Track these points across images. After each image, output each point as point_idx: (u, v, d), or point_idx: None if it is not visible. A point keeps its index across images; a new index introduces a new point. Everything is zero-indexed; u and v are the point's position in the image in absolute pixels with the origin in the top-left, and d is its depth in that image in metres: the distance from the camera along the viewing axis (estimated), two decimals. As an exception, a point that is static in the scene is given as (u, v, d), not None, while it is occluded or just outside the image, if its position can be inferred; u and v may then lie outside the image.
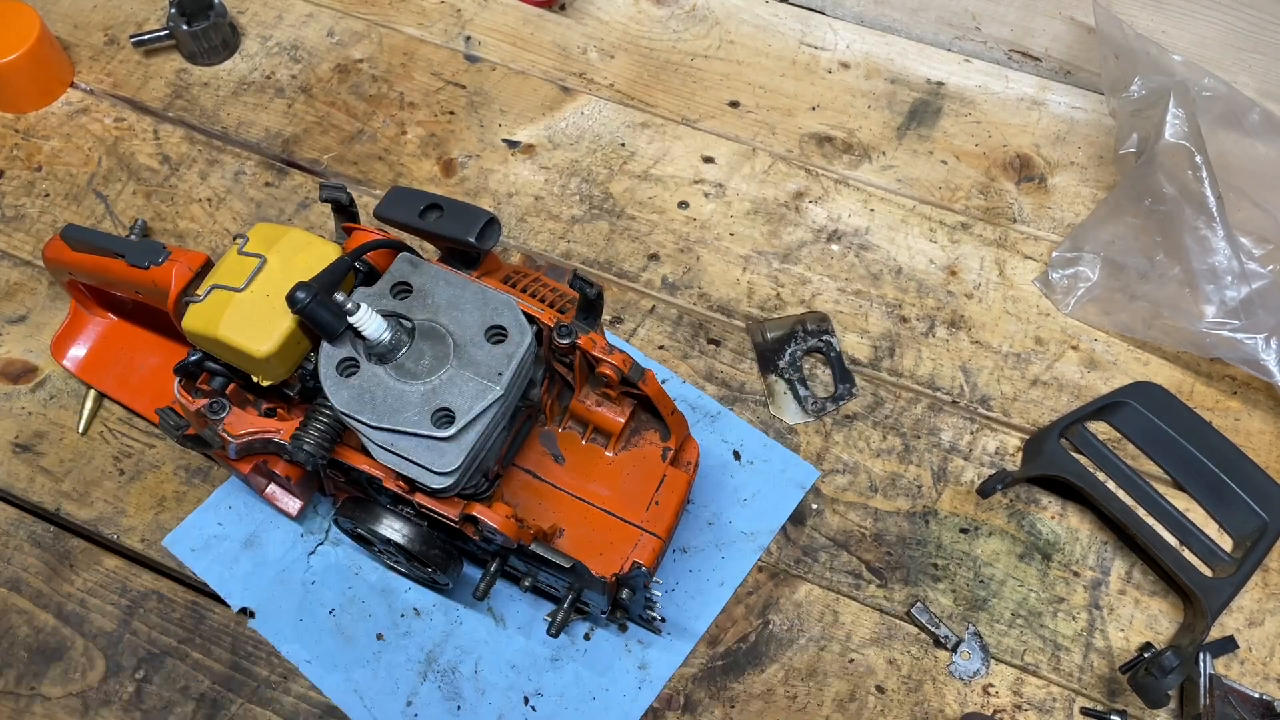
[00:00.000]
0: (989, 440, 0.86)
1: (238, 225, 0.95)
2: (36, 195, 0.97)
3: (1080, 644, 0.79)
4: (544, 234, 0.95)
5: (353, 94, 1.03)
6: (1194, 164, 0.83)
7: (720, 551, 0.81)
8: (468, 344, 0.64)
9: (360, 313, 0.61)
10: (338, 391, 0.63)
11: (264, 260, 0.64)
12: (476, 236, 0.67)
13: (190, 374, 0.68)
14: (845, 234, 0.96)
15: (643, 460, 0.74)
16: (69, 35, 1.06)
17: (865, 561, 0.81)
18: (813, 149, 1.00)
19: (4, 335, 0.90)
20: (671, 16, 1.08)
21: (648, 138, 1.01)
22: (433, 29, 1.07)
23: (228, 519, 0.81)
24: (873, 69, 1.05)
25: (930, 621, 0.78)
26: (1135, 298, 0.89)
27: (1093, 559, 0.82)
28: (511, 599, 0.79)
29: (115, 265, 0.71)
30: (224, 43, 1.03)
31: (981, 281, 0.94)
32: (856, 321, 0.91)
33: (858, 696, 0.77)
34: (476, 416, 0.62)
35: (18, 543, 0.81)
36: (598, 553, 0.70)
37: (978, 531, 0.83)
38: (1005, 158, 1.00)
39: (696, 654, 0.78)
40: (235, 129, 1.00)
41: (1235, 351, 0.84)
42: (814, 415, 0.87)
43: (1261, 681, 0.77)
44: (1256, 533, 0.80)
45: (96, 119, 1.01)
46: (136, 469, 0.84)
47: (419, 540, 0.69)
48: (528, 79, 1.04)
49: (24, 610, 0.79)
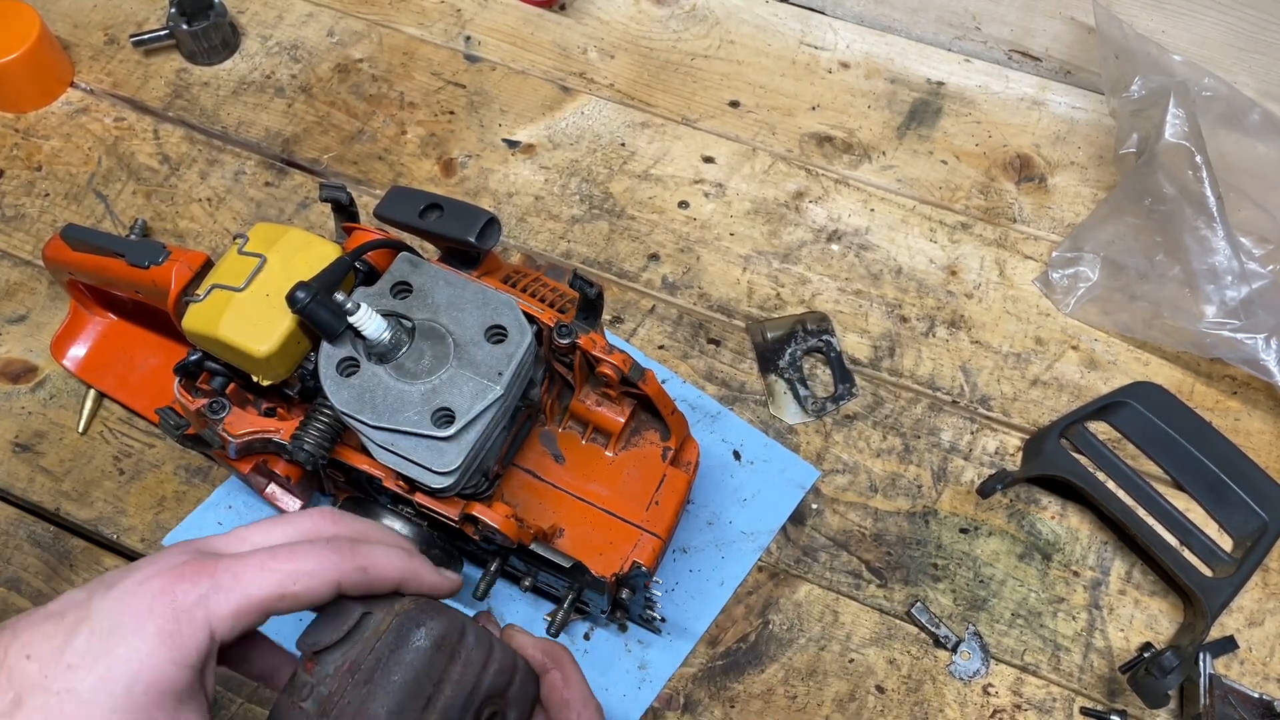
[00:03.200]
0: (989, 440, 0.86)
1: (238, 225, 0.95)
2: (36, 195, 0.97)
3: (1080, 644, 0.79)
4: (544, 234, 0.95)
5: (353, 94, 1.03)
6: (1194, 164, 0.83)
7: (720, 551, 0.81)
8: (468, 344, 0.64)
9: (360, 312, 0.61)
10: (338, 391, 0.63)
11: (264, 260, 0.64)
12: (476, 236, 0.67)
13: (190, 374, 0.68)
14: (845, 234, 0.96)
15: (643, 460, 0.74)
16: (69, 35, 1.06)
17: (865, 561, 0.81)
18: (813, 149, 1.00)
19: (4, 335, 0.90)
20: (671, 16, 1.08)
21: (648, 137, 1.01)
22: (433, 29, 1.07)
23: (228, 519, 0.81)
24: (873, 69, 1.05)
25: (930, 621, 0.78)
26: (1135, 298, 0.89)
27: (1093, 559, 0.82)
28: (511, 599, 0.79)
29: (115, 265, 0.71)
30: (224, 43, 1.03)
31: (981, 281, 0.94)
32: (856, 321, 0.91)
33: (858, 696, 0.77)
34: (476, 416, 0.62)
35: (17, 542, 0.81)
36: (598, 553, 0.70)
37: (978, 531, 0.83)
38: (1005, 158, 1.00)
39: (696, 654, 0.78)
40: (235, 129, 1.00)
41: (1235, 351, 0.84)
42: (814, 415, 0.87)
43: (1261, 681, 0.77)
44: (1256, 533, 0.80)
45: (96, 119, 1.01)
46: (136, 469, 0.84)
47: (419, 540, 0.69)
48: (528, 79, 1.04)
49: (24, 610, 0.79)
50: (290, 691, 0.51)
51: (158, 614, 0.44)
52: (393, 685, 0.50)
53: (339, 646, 0.51)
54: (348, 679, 0.50)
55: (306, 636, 0.52)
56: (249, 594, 0.46)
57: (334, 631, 0.52)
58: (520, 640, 0.58)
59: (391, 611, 0.52)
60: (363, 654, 0.51)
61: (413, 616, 0.52)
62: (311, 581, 0.48)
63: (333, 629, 0.52)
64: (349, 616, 0.52)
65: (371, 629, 0.52)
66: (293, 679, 0.52)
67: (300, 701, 0.50)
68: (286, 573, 0.47)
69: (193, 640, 0.44)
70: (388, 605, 0.53)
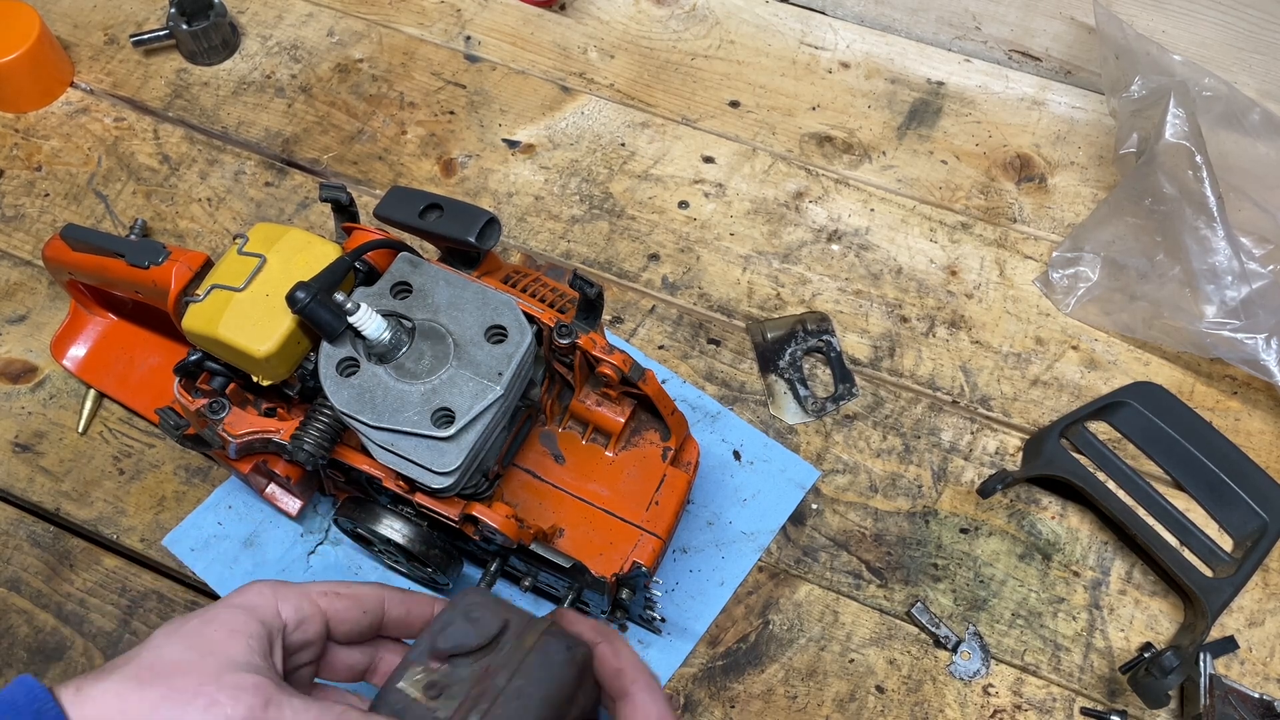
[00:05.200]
0: (989, 440, 0.86)
1: (238, 225, 0.95)
2: (36, 195, 0.97)
3: (1080, 644, 0.79)
4: (544, 234, 0.95)
5: (353, 94, 1.03)
6: (1194, 164, 0.83)
7: (720, 551, 0.81)
8: (468, 344, 0.64)
9: (360, 312, 0.61)
10: (338, 391, 0.63)
11: (264, 260, 0.64)
12: (476, 236, 0.67)
13: (190, 374, 0.68)
14: (845, 234, 0.96)
15: (643, 460, 0.74)
16: (69, 35, 1.06)
17: (865, 561, 0.81)
18: (813, 149, 1.00)
19: (4, 335, 0.90)
20: (671, 16, 1.08)
21: (648, 137, 1.01)
22: (433, 29, 1.07)
23: (228, 519, 0.81)
24: (873, 69, 1.05)
25: (930, 621, 0.78)
26: (1135, 298, 0.89)
27: (1093, 559, 0.82)
28: (512, 599, 0.79)
29: (115, 265, 0.71)
30: (224, 42, 1.03)
31: (981, 281, 0.94)
32: (856, 321, 0.91)
33: (858, 696, 0.77)
34: (476, 416, 0.62)
35: (17, 542, 0.81)
36: (598, 553, 0.70)
37: (978, 531, 0.83)
38: (1005, 158, 1.00)
39: (696, 654, 0.78)
40: (235, 129, 1.00)
41: (1235, 351, 0.84)
42: (814, 415, 0.87)
43: (1261, 681, 0.77)
44: (1256, 533, 0.80)
45: (96, 119, 1.01)
46: (136, 469, 0.84)
47: (419, 540, 0.69)
48: (528, 79, 1.04)
49: (24, 610, 0.79)
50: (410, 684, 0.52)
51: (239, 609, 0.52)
52: (547, 696, 0.51)
53: (478, 652, 0.53)
54: (490, 686, 0.51)
55: (440, 635, 0.53)
56: (307, 591, 0.55)
57: (476, 636, 0.53)
58: (569, 620, 0.60)
59: (534, 627, 0.53)
60: (509, 663, 0.52)
61: (558, 635, 0.53)
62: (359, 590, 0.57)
63: (474, 633, 0.53)
64: (488, 623, 0.53)
65: (512, 641, 0.53)
66: (407, 672, 0.52)
67: (430, 698, 0.51)
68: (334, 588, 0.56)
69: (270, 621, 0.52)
70: (523, 618, 0.54)
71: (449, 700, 0.51)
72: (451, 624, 0.53)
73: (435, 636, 0.53)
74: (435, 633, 0.53)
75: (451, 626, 0.53)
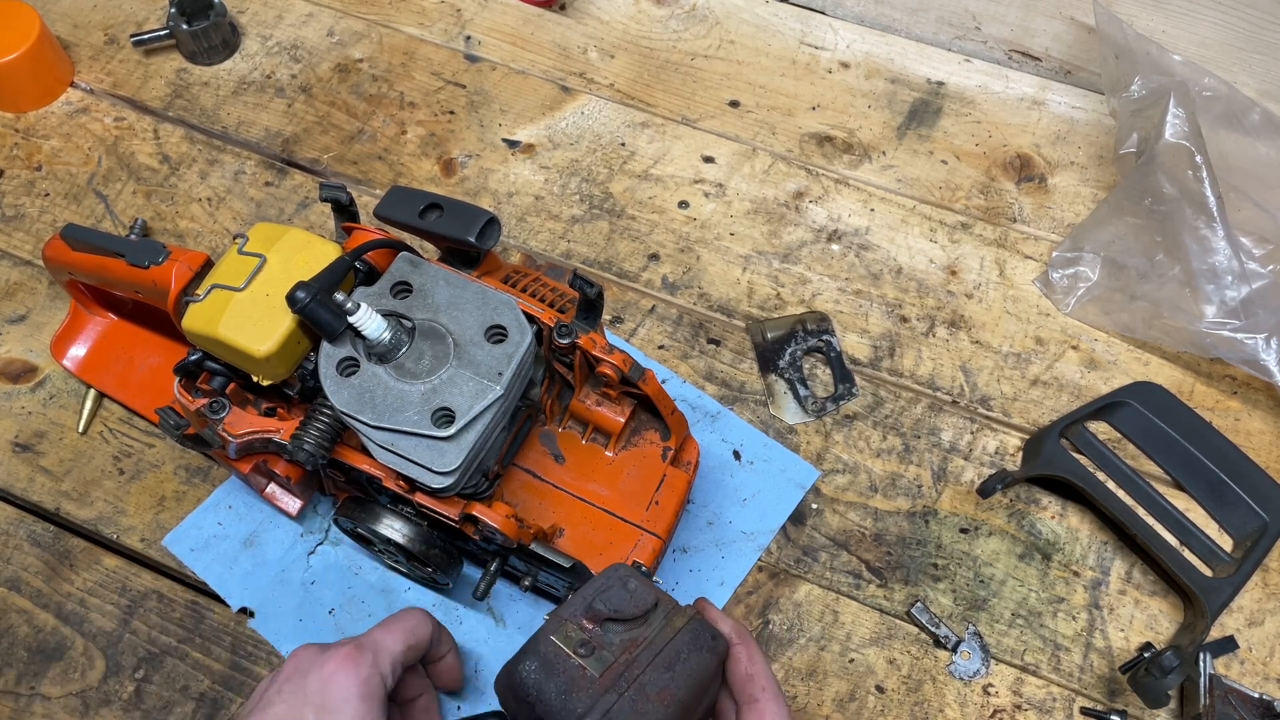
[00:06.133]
0: (989, 440, 0.86)
1: (238, 225, 0.95)
2: (36, 195, 0.97)
3: (1080, 644, 0.79)
4: (544, 234, 0.95)
5: (353, 94, 1.03)
6: (1194, 164, 0.83)
7: (720, 551, 0.81)
8: (468, 344, 0.64)
9: (360, 312, 0.61)
10: (338, 391, 0.63)
11: (264, 260, 0.64)
12: (476, 236, 0.67)
13: (190, 374, 0.68)
14: (845, 234, 0.96)
15: (643, 460, 0.74)
16: (69, 35, 1.06)
17: (865, 561, 0.81)
18: (813, 149, 1.00)
19: (4, 335, 0.90)
20: (671, 16, 1.08)
21: (648, 137, 1.01)
22: (433, 29, 1.07)
23: (228, 519, 0.81)
24: (873, 69, 1.05)
25: (930, 621, 0.78)
26: (1135, 298, 0.89)
27: (1093, 559, 0.82)
28: (511, 599, 0.79)
29: (115, 265, 0.71)
30: (224, 42, 1.03)
31: (981, 281, 0.94)
32: (856, 321, 0.91)
33: (858, 696, 0.77)
34: (476, 416, 0.62)
35: (17, 542, 0.81)
36: (598, 552, 0.70)
37: (978, 531, 0.83)
38: (1005, 158, 1.00)
39: (696, 654, 0.78)
40: (235, 129, 1.00)
41: (1235, 351, 0.84)
42: (814, 415, 0.87)
43: (1261, 681, 0.77)
44: (1256, 533, 0.80)
45: (96, 118, 1.01)
46: (136, 469, 0.84)
47: (419, 540, 0.69)
48: (528, 79, 1.04)
49: (24, 610, 0.79)
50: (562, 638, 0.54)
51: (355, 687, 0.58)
52: (691, 678, 0.54)
53: (631, 622, 0.55)
54: (642, 657, 0.54)
55: (600, 597, 0.56)
56: (394, 651, 0.62)
57: (633, 606, 0.56)
58: (712, 614, 0.62)
59: (682, 612, 0.57)
60: (658, 640, 0.55)
61: (705, 625, 0.57)
62: (422, 630, 0.65)
63: (631, 603, 0.56)
64: (644, 597, 0.56)
65: (662, 620, 0.56)
66: (561, 626, 0.54)
67: (581, 656, 0.54)
68: (407, 629, 0.64)
69: (379, 692, 0.59)
70: (671, 601, 0.57)
71: (598, 661, 0.53)
72: (610, 589, 0.56)
73: (594, 598, 0.55)
74: (593, 594, 0.56)
75: (610, 591, 0.56)
